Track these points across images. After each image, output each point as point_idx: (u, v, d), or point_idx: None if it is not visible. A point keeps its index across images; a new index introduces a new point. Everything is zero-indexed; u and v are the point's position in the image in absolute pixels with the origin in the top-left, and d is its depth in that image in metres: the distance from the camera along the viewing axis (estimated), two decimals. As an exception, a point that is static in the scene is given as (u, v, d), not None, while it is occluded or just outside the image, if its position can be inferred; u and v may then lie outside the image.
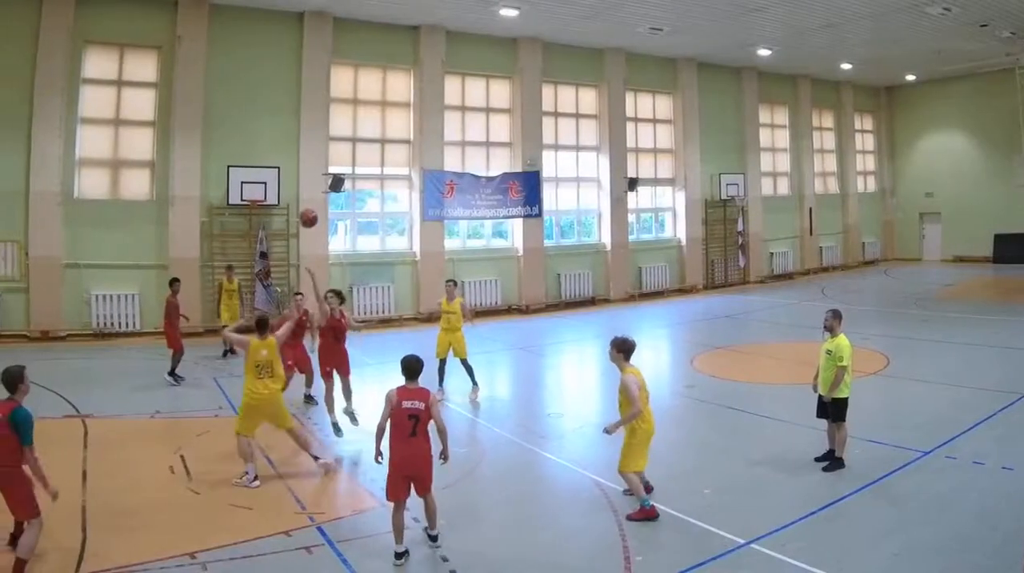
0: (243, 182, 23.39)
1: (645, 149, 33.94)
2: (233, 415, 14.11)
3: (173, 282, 18.12)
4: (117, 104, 23.16)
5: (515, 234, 29.78)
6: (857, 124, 43.80)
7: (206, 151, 23.46)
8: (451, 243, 28.37)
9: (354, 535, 9.14)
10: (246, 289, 22.61)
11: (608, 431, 9.73)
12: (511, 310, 28.84)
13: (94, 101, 22.87)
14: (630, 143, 32.84)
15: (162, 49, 23.29)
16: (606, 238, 31.84)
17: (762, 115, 38.12)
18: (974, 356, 18.79)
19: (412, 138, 27.33)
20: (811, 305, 27.73)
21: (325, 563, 8.40)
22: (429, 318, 25.41)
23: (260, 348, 10.98)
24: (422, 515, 8.90)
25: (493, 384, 17.62)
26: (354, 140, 26.56)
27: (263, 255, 23.54)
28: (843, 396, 10.90)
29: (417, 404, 8.57)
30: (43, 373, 15.39)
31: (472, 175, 28.17)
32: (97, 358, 20.00)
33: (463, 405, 15.31)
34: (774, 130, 39.31)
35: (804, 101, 39.85)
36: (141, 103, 23.43)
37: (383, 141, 27.08)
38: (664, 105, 34.68)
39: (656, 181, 34.41)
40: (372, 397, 15.82)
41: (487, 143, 29.38)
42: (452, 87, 28.24)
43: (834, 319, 11.16)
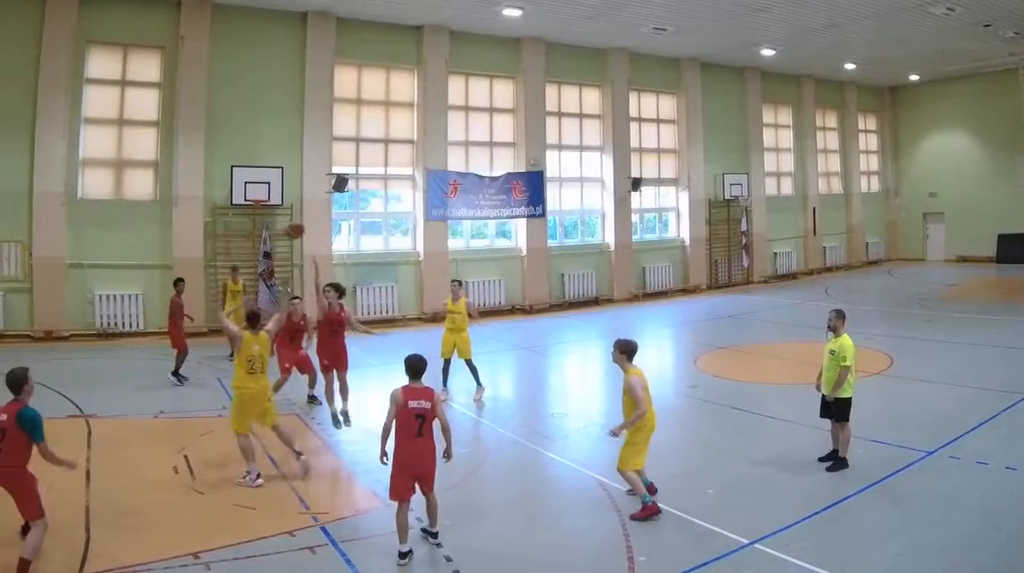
0: (247, 182, 23.39)
1: (649, 149, 33.92)
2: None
3: (177, 282, 18.14)
4: (121, 104, 23.17)
5: (519, 234, 29.76)
6: (861, 124, 43.75)
7: (210, 151, 23.45)
8: (455, 243, 28.34)
9: (358, 535, 9.14)
10: (250, 290, 22.59)
11: (615, 434, 9.75)
12: (515, 310, 28.84)
13: (97, 101, 22.88)
14: (634, 143, 32.81)
15: (165, 49, 23.30)
16: (610, 238, 31.83)
17: (766, 115, 38.08)
18: (977, 356, 18.77)
19: (416, 138, 27.32)
20: (815, 305, 27.69)
21: (329, 563, 8.40)
22: (433, 318, 25.44)
23: (252, 343, 11.02)
24: (424, 514, 8.90)
25: (497, 384, 17.58)
26: (358, 140, 26.55)
27: (266, 255, 23.53)
28: (846, 396, 10.90)
29: (423, 404, 8.57)
30: (47, 373, 15.38)
31: (476, 175, 28.16)
32: (101, 358, 20.00)
33: (467, 405, 15.30)
34: (778, 130, 39.28)
35: (808, 101, 39.81)
36: (145, 103, 23.43)
37: (387, 141, 27.07)
38: (668, 105, 34.66)
39: (660, 181, 34.38)
40: (375, 397, 15.87)
41: (491, 143, 29.37)
42: (456, 87, 28.22)
43: (838, 319, 11.16)
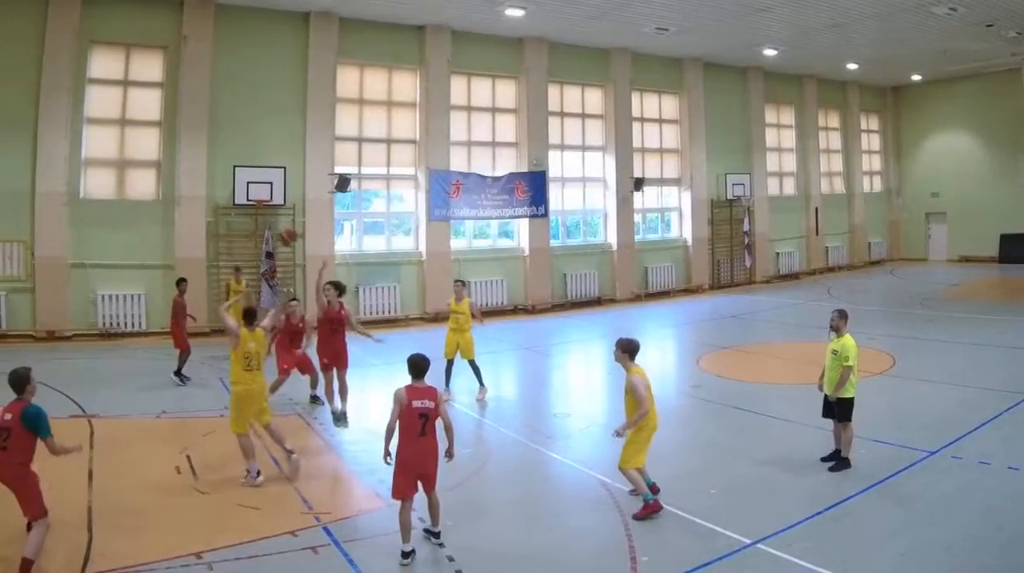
0: (249, 182, 23.39)
1: (651, 149, 33.89)
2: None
3: (180, 282, 18.13)
4: (123, 104, 23.18)
5: (521, 234, 29.76)
6: (863, 124, 43.72)
7: (212, 151, 23.47)
8: (457, 243, 28.34)
9: (360, 535, 9.15)
10: (253, 290, 22.60)
11: (619, 434, 9.74)
12: (517, 310, 28.84)
13: (100, 101, 22.89)
14: (636, 143, 32.79)
15: (168, 49, 23.31)
16: (612, 238, 31.81)
17: (768, 115, 38.07)
18: (980, 356, 18.77)
19: (418, 138, 27.33)
20: (817, 305, 27.67)
21: (331, 563, 8.40)
22: (435, 318, 25.47)
23: (249, 339, 11.03)
24: (426, 513, 8.90)
25: (499, 384, 17.56)
26: (360, 140, 26.55)
27: (269, 255, 23.52)
28: (849, 396, 10.89)
29: (427, 403, 8.57)
30: (49, 373, 15.39)
31: (478, 175, 28.16)
32: (103, 358, 20.01)
33: (470, 405, 15.30)
34: (780, 130, 39.26)
35: (810, 101, 39.79)
36: (147, 103, 23.45)
37: (389, 141, 27.07)
38: (670, 105, 34.64)
39: (662, 181, 34.35)
40: (377, 397, 15.89)
41: (493, 143, 29.36)
42: (458, 87, 28.22)
43: (840, 319, 11.16)
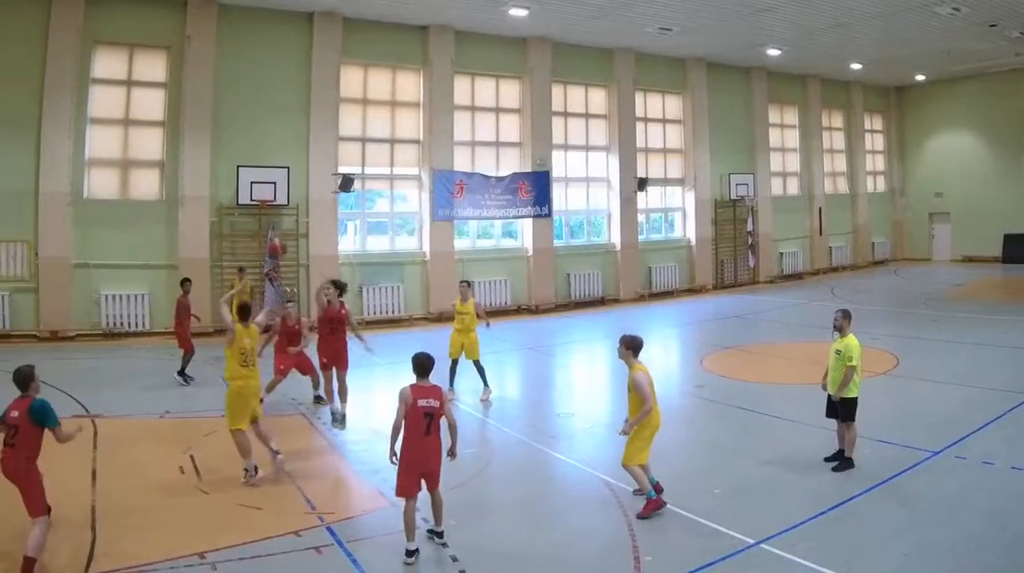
0: (252, 182, 23.41)
1: (655, 149, 33.90)
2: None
3: (184, 282, 18.12)
4: (126, 104, 23.20)
5: (525, 234, 29.76)
6: (867, 124, 43.71)
7: (215, 151, 23.49)
8: (461, 243, 28.35)
9: (363, 535, 9.15)
10: (256, 290, 22.59)
11: (625, 432, 9.76)
12: (521, 310, 28.83)
13: (103, 101, 22.91)
14: (640, 143, 32.79)
15: (171, 49, 23.33)
16: (616, 238, 31.82)
17: (772, 115, 38.07)
18: (984, 356, 18.76)
19: (422, 138, 27.33)
20: (821, 305, 27.67)
21: (335, 563, 8.41)
22: (439, 318, 25.48)
23: (244, 336, 11.07)
24: (429, 513, 8.91)
25: (503, 384, 17.60)
26: (364, 140, 26.56)
27: (272, 255, 23.53)
28: (852, 396, 10.90)
29: (432, 402, 8.59)
30: (52, 373, 15.40)
31: (482, 175, 28.17)
32: (106, 358, 20.04)
33: (474, 405, 15.31)
34: (784, 130, 39.26)
35: (814, 101, 39.78)
36: (150, 103, 23.47)
37: (393, 141, 27.08)
38: (674, 105, 34.64)
39: (666, 181, 34.35)
40: (380, 397, 15.93)
41: (497, 143, 29.37)
42: (462, 87, 28.23)
43: (844, 319, 11.16)
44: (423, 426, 8.51)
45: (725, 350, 20.91)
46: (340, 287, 14.06)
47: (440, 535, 8.79)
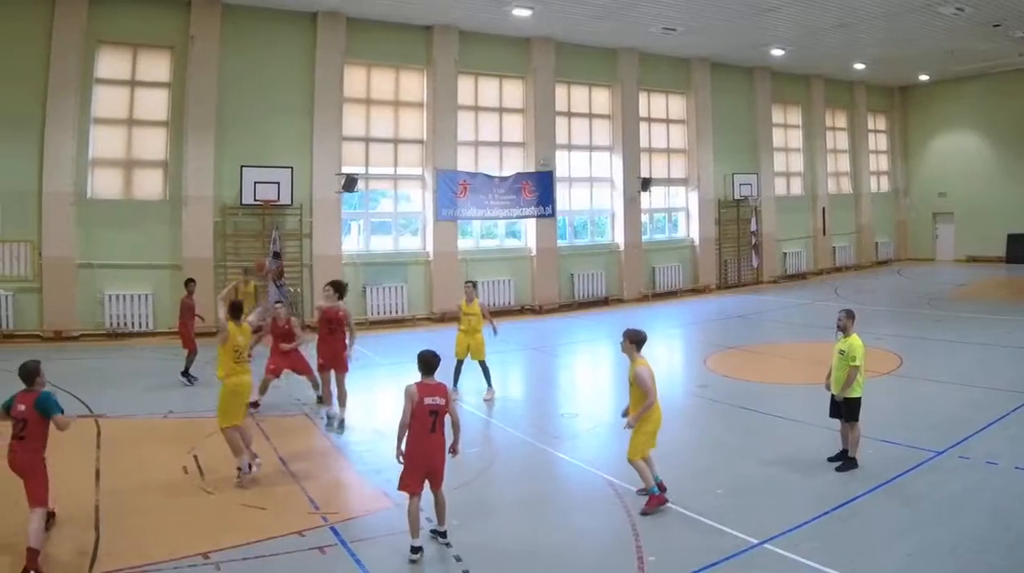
0: (256, 182, 23.40)
1: (658, 149, 33.88)
2: (249, 415, 14.18)
3: (188, 282, 18.11)
4: (130, 104, 23.22)
5: (528, 234, 29.75)
6: (870, 124, 43.65)
7: (219, 151, 23.49)
8: (464, 243, 28.34)
9: (367, 535, 9.15)
10: (260, 290, 22.54)
11: (630, 426, 9.80)
12: (524, 310, 28.81)
13: (107, 101, 22.93)
14: (643, 143, 32.77)
15: (175, 49, 23.34)
16: (619, 238, 31.80)
17: (775, 115, 38.00)
18: (987, 356, 18.73)
19: (425, 138, 27.32)
20: (824, 305, 27.66)
21: (338, 563, 8.41)
22: (442, 318, 25.48)
23: (237, 334, 11.08)
24: (432, 513, 8.91)
25: (507, 384, 17.61)
26: (367, 140, 26.56)
27: (276, 255, 23.52)
28: (856, 396, 10.89)
29: (438, 400, 8.61)
30: (56, 373, 15.39)
31: (485, 175, 28.16)
32: (110, 358, 20.05)
33: (477, 405, 15.30)
34: (787, 130, 39.19)
35: (817, 101, 39.73)
36: (154, 103, 23.49)
37: (396, 141, 27.07)
38: (677, 105, 34.62)
39: (669, 181, 34.34)
40: (383, 397, 15.92)
41: (500, 143, 29.36)
42: (465, 87, 28.23)
43: (847, 319, 11.14)
44: (429, 424, 8.53)
45: (728, 350, 20.90)
46: (340, 289, 13.89)
47: (443, 535, 8.79)
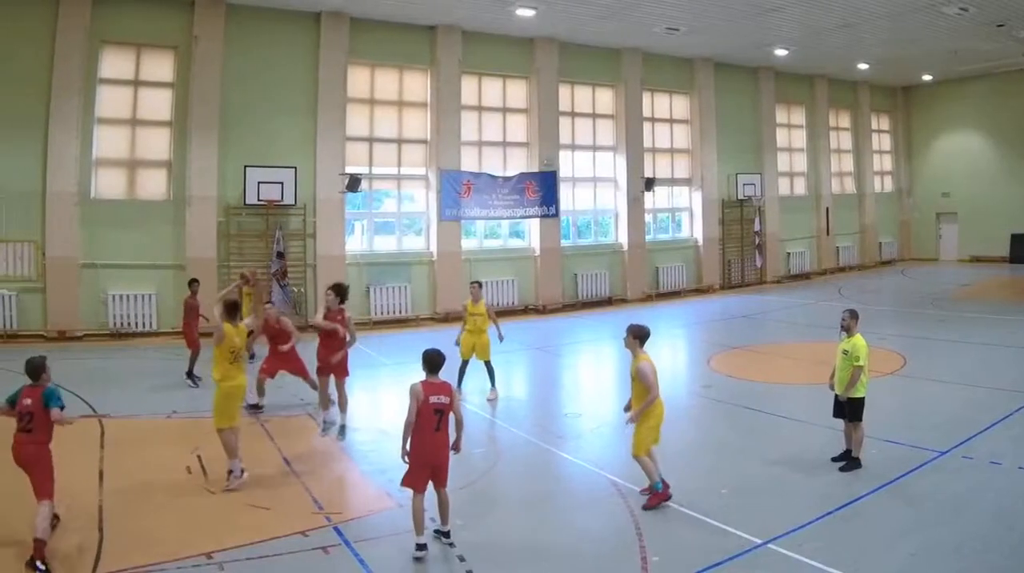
0: (260, 182, 23.42)
1: (662, 149, 33.87)
2: (254, 417, 14.20)
3: (192, 283, 18.10)
4: (134, 104, 23.24)
5: (532, 234, 29.73)
6: (874, 124, 43.61)
7: (223, 151, 23.50)
8: (468, 243, 28.32)
9: (371, 535, 9.15)
10: (264, 290, 22.51)
11: (632, 421, 9.85)
12: (528, 310, 28.81)
13: (111, 101, 22.95)
14: (647, 143, 32.75)
15: (179, 49, 23.36)
16: (623, 238, 31.79)
17: (779, 115, 37.97)
18: (991, 356, 18.72)
19: (429, 138, 27.33)
20: (828, 305, 27.64)
21: (342, 563, 8.42)
22: (446, 318, 25.48)
23: (234, 335, 10.97)
24: (435, 513, 8.92)
25: (511, 384, 17.61)
26: (371, 140, 26.56)
27: (280, 255, 23.55)
28: (859, 396, 10.88)
29: (443, 398, 8.63)
30: (60, 373, 15.32)
31: (489, 175, 28.15)
32: (114, 358, 20.07)
33: (481, 405, 15.31)
34: (791, 130, 39.17)
35: (821, 101, 39.70)
36: (158, 103, 23.50)
37: (400, 141, 27.07)
38: (681, 105, 34.61)
39: (673, 181, 34.33)
40: (385, 397, 15.93)
41: (504, 143, 29.35)
42: (469, 87, 28.21)
43: (851, 319, 11.14)
44: (434, 422, 8.55)
45: (732, 350, 20.89)
46: (340, 293, 13.54)
47: (447, 535, 8.80)
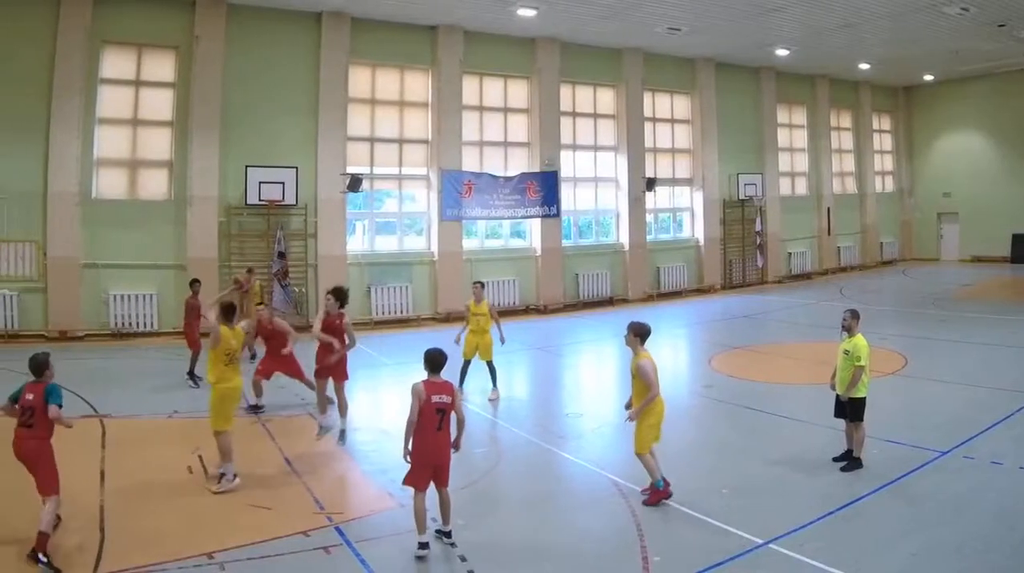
0: (261, 182, 23.41)
1: (663, 149, 33.85)
2: (253, 417, 14.20)
3: (193, 283, 18.09)
4: (135, 104, 23.24)
5: (533, 234, 29.72)
6: (875, 124, 43.59)
7: (224, 151, 23.49)
8: (469, 243, 28.30)
9: (372, 535, 9.15)
10: (265, 290, 22.54)
11: (632, 419, 9.90)
12: (529, 310, 28.80)
13: (112, 101, 22.94)
14: (648, 143, 32.74)
15: (180, 49, 23.36)
16: (624, 238, 31.78)
17: (780, 115, 37.97)
18: (992, 356, 18.72)
19: (430, 138, 27.32)
20: (829, 305, 27.62)
21: (343, 563, 8.42)
22: (447, 318, 25.48)
23: (230, 337, 11.00)
24: (437, 513, 8.92)
25: (512, 384, 17.59)
26: (372, 140, 26.55)
27: (281, 255, 23.55)
28: (860, 396, 10.88)
29: (444, 398, 8.64)
30: (61, 373, 15.25)
31: (490, 175, 28.14)
32: (115, 358, 20.07)
33: (482, 405, 15.31)
34: (792, 130, 39.16)
35: (822, 101, 39.69)
36: (159, 103, 23.50)
37: (401, 141, 27.06)
38: (682, 105, 34.59)
39: (674, 181, 34.30)
40: (388, 397, 15.93)
41: (505, 143, 29.34)
42: (470, 87, 28.20)
43: (852, 319, 11.14)
44: (436, 422, 8.57)
45: (733, 350, 20.88)
46: (340, 298, 13.16)
47: (448, 535, 8.79)
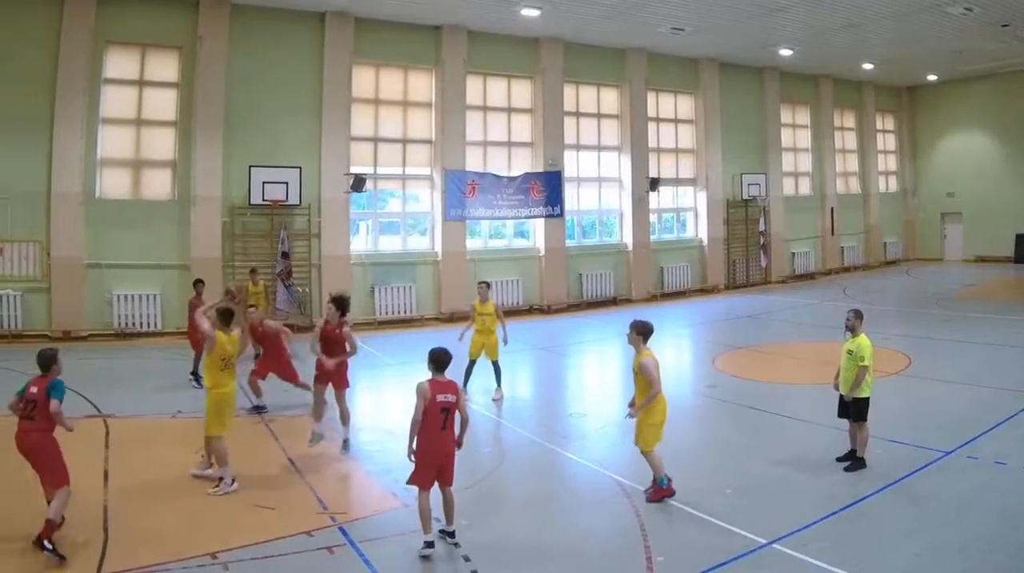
0: (264, 182, 23.42)
1: (667, 149, 33.85)
2: (256, 417, 14.20)
3: (197, 283, 18.04)
4: (138, 104, 23.25)
5: (537, 234, 29.72)
6: (879, 124, 43.58)
7: (227, 151, 23.50)
8: (473, 243, 28.30)
9: (376, 535, 9.15)
10: (269, 290, 22.50)
11: (632, 416, 9.98)
12: (532, 310, 28.80)
13: (115, 101, 22.96)
14: (652, 143, 32.72)
15: (183, 49, 23.37)
16: (628, 238, 31.77)
17: (784, 115, 37.97)
18: (996, 356, 18.70)
19: (434, 138, 27.32)
20: (832, 305, 27.58)
21: (347, 563, 8.42)
22: (451, 318, 25.48)
23: (226, 343, 10.87)
24: (441, 513, 8.90)
25: (515, 384, 17.57)
26: (376, 140, 26.56)
27: (285, 255, 23.54)
28: (864, 396, 10.88)
29: (449, 397, 8.65)
30: (65, 373, 15.32)
31: (494, 175, 28.14)
32: (119, 358, 20.08)
33: (486, 406, 15.30)
34: (795, 130, 39.17)
35: (826, 101, 39.68)
36: (162, 103, 23.52)
37: (404, 141, 27.07)
38: (686, 105, 34.59)
39: (678, 181, 34.32)
40: (392, 397, 15.92)
41: (509, 143, 29.34)
42: (474, 87, 28.21)
43: (856, 319, 11.14)
44: (440, 421, 8.57)
45: (737, 350, 20.88)
46: (341, 306, 12.55)
47: (452, 535, 8.79)
